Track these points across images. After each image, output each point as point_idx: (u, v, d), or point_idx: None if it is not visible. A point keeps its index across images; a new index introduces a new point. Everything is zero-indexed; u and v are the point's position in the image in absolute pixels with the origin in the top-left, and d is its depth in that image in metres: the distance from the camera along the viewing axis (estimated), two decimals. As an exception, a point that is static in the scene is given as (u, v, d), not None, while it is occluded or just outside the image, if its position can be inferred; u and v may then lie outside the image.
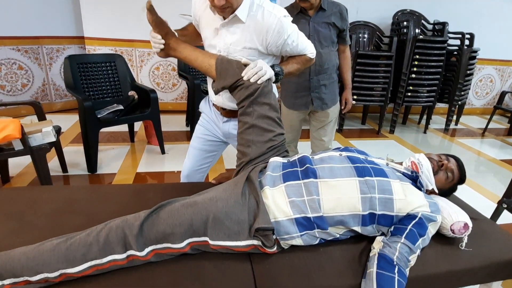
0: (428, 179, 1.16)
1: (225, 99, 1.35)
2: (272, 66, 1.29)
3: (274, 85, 1.34)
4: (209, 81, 1.41)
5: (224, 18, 1.23)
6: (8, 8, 3.37)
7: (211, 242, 0.96)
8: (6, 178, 2.33)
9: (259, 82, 1.19)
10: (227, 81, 1.22)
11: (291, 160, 1.15)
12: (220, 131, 1.48)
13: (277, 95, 1.35)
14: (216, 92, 1.30)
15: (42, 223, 1.11)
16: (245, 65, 1.23)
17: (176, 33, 1.35)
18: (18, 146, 1.92)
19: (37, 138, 2.00)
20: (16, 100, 3.62)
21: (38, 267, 0.85)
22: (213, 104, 1.45)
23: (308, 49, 1.35)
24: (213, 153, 1.57)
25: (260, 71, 1.20)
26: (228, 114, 1.40)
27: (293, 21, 1.85)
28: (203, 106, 1.53)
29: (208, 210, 0.96)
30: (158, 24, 1.25)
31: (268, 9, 1.21)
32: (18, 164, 2.54)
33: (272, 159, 1.17)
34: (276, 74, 1.28)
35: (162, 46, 1.28)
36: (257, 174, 1.10)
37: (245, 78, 1.19)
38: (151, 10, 1.22)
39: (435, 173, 1.18)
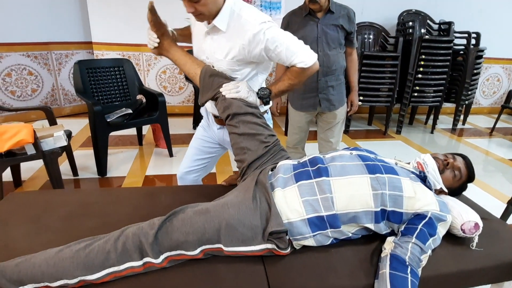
0: (435, 178, 1.17)
1: (213, 106, 1.39)
2: (259, 91, 1.32)
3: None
4: None
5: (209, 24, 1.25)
6: (17, 15, 3.43)
7: (225, 248, 0.97)
8: (18, 182, 2.37)
9: (230, 97, 1.25)
10: (208, 95, 1.30)
11: (301, 161, 1.17)
12: (216, 137, 1.51)
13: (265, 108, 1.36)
14: (201, 105, 1.39)
15: (58, 226, 1.14)
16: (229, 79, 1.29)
17: (174, 33, 1.41)
18: (30, 150, 1.96)
19: (49, 143, 2.04)
20: (26, 105, 3.69)
21: (58, 274, 0.88)
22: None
23: (298, 57, 1.24)
24: (210, 155, 1.59)
25: (235, 89, 1.25)
26: (220, 122, 1.42)
27: (301, 23, 1.91)
28: (203, 110, 1.56)
29: (221, 218, 0.97)
30: (157, 24, 1.30)
31: (245, 17, 1.20)
32: (30, 168, 2.59)
33: (281, 162, 1.19)
34: (260, 97, 1.32)
35: (156, 45, 1.34)
36: (266, 177, 1.11)
37: (222, 92, 1.26)
38: (152, 10, 1.26)
39: (441, 172, 1.18)
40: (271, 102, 1.38)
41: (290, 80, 1.32)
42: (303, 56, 1.25)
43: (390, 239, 1.02)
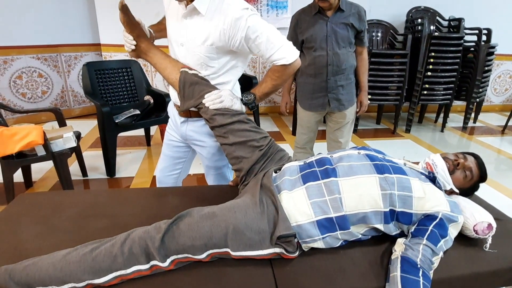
0: (445, 179, 1.14)
1: (177, 97, 1.35)
2: (243, 96, 1.30)
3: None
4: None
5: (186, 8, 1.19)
6: (27, 18, 3.49)
7: (232, 253, 0.97)
8: (29, 183, 2.41)
9: (214, 108, 1.23)
10: (190, 103, 1.28)
11: (307, 162, 1.15)
12: (180, 133, 1.45)
13: (243, 109, 1.32)
14: (181, 111, 1.36)
15: (67, 227, 1.15)
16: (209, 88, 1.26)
17: (152, 32, 1.37)
18: (40, 151, 1.98)
19: (59, 144, 2.06)
20: (37, 106, 3.74)
21: (65, 278, 0.88)
22: (174, 104, 1.44)
23: (279, 52, 1.18)
24: (181, 159, 1.55)
25: (218, 99, 1.22)
26: (185, 114, 1.36)
27: (311, 22, 1.90)
28: (169, 108, 1.51)
29: (228, 222, 0.96)
30: (130, 25, 1.27)
31: (228, 1, 1.16)
32: (40, 169, 2.62)
33: (287, 164, 1.17)
34: (245, 103, 1.29)
35: (133, 47, 1.30)
36: (270, 180, 1.10)
37: (205, 104, 1.24)
38: (123, 10, 1.22)
39: (451, 172, 1.15)
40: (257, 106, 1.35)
41: (273, 81, 1.27)
42: (284, 51, 1.18)
43: (400, 240, 1.00)
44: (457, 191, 1.17)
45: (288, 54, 1.19)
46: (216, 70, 1.29)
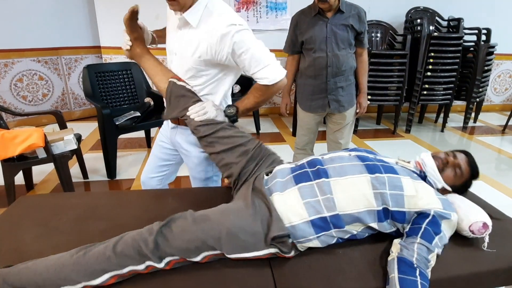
0: (435, 177, 1.15)
1: None
2: (226, 109, 1.31)
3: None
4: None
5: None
6: (28, 21, 3.50)
7: (227, 255, 0.97)
8: (30, 185, 2.42)
9: (198, 119, 1.24)
10: (174, 114, 1.31)
11: (299, 164, 1.16)
12: (169, 137, 1.46)
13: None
14: (165, 119, 1.40)
15: (67, 229, 1.15)
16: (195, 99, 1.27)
17: (154, 36, 1.41)
18: (41, 154, 1.99)
19: (60, 146, 2.07)
20: (37, 109, 3.75)
21: (60, 281, 0.88)
22: None
23: (262, 71, 1.16)
24: (169, 162, 1.55)
25: (202, 110, 1.23)
26: (174, 121, 1.37)
27: (310, 23, 1.91)
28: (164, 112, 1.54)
29: (221, 226, 0.97)
30: (131, 27, 1.30)
31: (216, 16, 1.15)
32: (41, 172, 2.63)
33: (278, 167, 1.18)
34: (227, 116, 1.30)
35: (128, 47, 1.33)
36: (262, 182, 1.11)
37: (189, 115, 1.25)
38: (133, 13, 1.24)
39: (441, 170, 1.16)
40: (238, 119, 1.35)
41: (255, 98, 1.28)
42: (268, 71, 1.17)
43: (396, 241, 1.01)
44: (449, 188, 1.18)
45: (271, 74, 1.17)
46: (204, 81, 1.29)
